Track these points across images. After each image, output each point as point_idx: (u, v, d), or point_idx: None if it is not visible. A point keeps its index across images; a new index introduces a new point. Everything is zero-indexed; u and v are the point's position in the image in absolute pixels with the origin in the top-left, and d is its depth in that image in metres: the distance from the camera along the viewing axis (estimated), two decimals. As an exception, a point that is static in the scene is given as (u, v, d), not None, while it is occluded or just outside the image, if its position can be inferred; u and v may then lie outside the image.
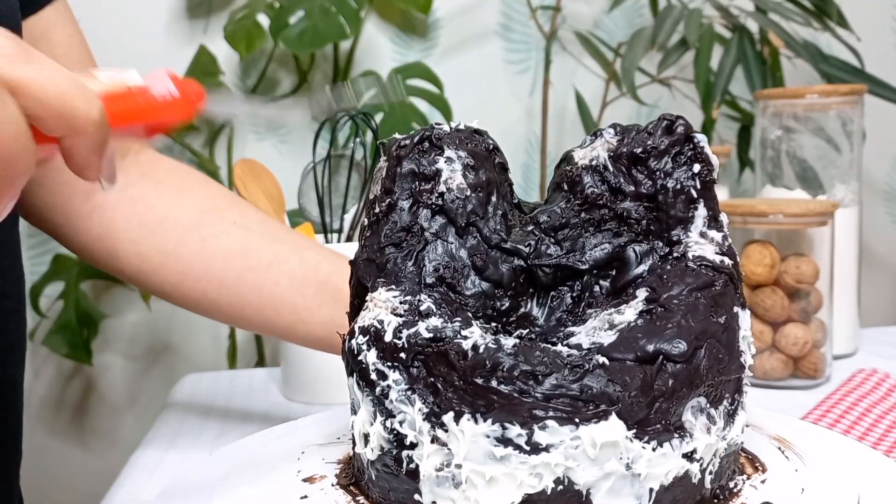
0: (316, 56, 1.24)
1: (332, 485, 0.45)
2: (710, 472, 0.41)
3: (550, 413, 0.37)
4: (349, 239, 0.86)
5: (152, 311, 1.25)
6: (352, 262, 0.47)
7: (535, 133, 1.32)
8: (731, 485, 0.43)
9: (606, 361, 0.38)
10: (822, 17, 1.12)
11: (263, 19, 1.13)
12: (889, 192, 1.43)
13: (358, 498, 0.43)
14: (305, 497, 0.43)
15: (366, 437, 0.42)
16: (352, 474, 0.46)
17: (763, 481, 0.44)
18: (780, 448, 0.48)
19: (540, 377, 0.37)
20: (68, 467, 1.24)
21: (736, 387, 0.42)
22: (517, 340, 0.39)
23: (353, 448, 0.46)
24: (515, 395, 0.37)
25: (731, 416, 0.42)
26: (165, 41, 1.22)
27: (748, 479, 0.44)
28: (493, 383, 0.37)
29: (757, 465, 0.46)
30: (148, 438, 0.76)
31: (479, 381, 0.37)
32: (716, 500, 0.41)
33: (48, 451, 1.24)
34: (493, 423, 0.37)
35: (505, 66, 1.31)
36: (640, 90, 1.14)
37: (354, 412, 0.43)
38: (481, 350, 0.38)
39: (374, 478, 0.42)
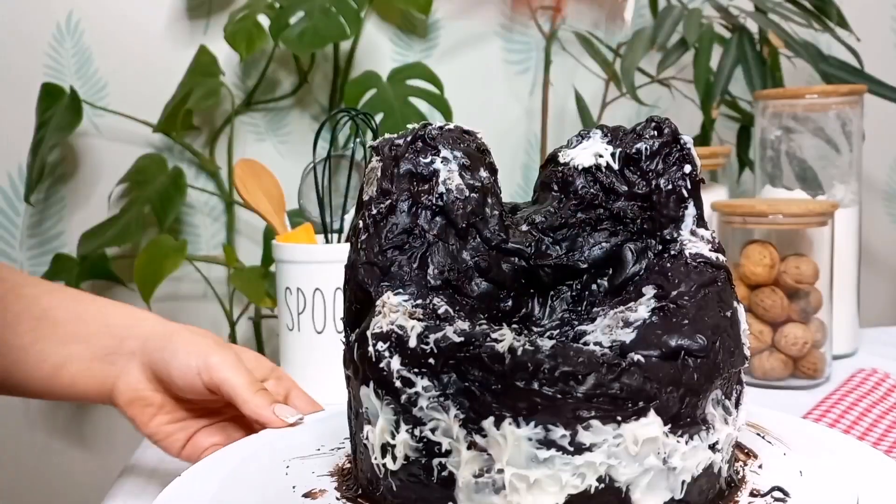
0: (316, 56, 1.24)
1: (337, 499, 0.44)
2: (726, 461, 0.42)
3: (593, 412, 0.37)
4: (349, 240, 0.86)
5: (153, 311, 1.25)
6: (348, 266, 0.47)
7: (535, 133, 1.32)
8: (736, 472, 0.44)
9: (642, 359, 0.38)
10: (822, 18, 1.12)
11: (264, 20, 1.13)
12: (889, 192, 1.43)
13: None
14: None
15: (384, 447, 0.41)
16: (356, 486, 0.45)
17: (760, 466, 0.45)
18: (759, 434, 0.50)
19: (580, 377, 0.37)
20: (68, 467, 1.24)
21: (738, 378, 0.43)
22: (553, 341, 0.39)
23: (354, 459, 0.45)
24: (559, 396, 0.37)
25: (737, 407, 0.43)
26: (165, 41, 1.22)
27: (745, 465, 0.45)
28: (535, 385, 0.37)
29: (746, 451, 0.47)
30: (148, 438, 0.76)
31: (520, 383, 0.37)
32: (730, 488, 0.42)
33: (48, 451, 1.24)
34: (535, 426, 0.37)
35: (505, 66, 1.31)
36: (639, 90, 1.14)
37: (369, 422, 0.42)
38: (519, 353, 0.37)
39: (394, 488, 0.41)
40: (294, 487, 0.45)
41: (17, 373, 0.60)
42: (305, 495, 0.44)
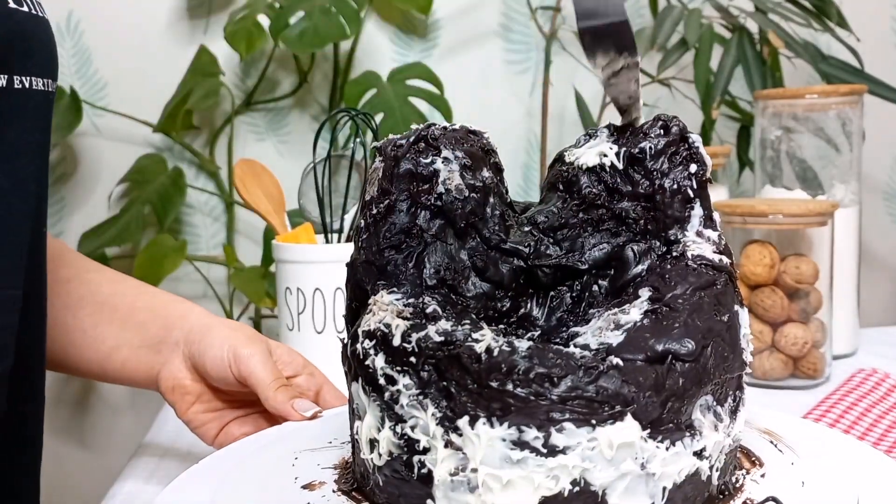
0: (316, 56, 1.24)
1: (333, 491, 0.44)
2: (717, 469, 0.41)
3: (567, 415, 0.37)
4: (349, 239, 0.86)
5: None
6: (349, 265, 0.47)
7: (535, 133, 1.32)
8: (734, 480, 0.43)
9: (621, 362, 0.38)
10: (822, 18, 1.12)
11: (264, 19, 1.13)
12: (889, 192, 1.43)
13: None
14: None
15: (372, 442, 0.42)
16: (353, 480, 0.45)
17: (762, 475, 0.44)
18: (771, 441, 0.49)
19: (555, 379, 0.37)
20: (68, 467, 1.24)
21: (737, 384, 0.43)
22: (531, 343, 0.39)
23: (353, 453, 0.46)
24: (532, 397, 0.37)
25: (733, 413, 0.42)
26: (165, 41, 1.22)
27: (747, 473, 0.44)
28: (509, 386, 0.37)
29: (753, 459, 0.47)
30: (148, 438, 0.76)
31: (495, 384, 0.37)
32: (721, 496, 0.42)
33: (48, 451, 1.23)
34: (509, 427, 0.37)
35: (505, 66, 1.31)
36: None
37: (359, 417, 0.43)
38: (495, 353, 0.37)
39: (381, 483, 0.42)
40: (296, 478, 0.46)
41: (72, 353, 0.64)
42: (304, 486, 0.45)
